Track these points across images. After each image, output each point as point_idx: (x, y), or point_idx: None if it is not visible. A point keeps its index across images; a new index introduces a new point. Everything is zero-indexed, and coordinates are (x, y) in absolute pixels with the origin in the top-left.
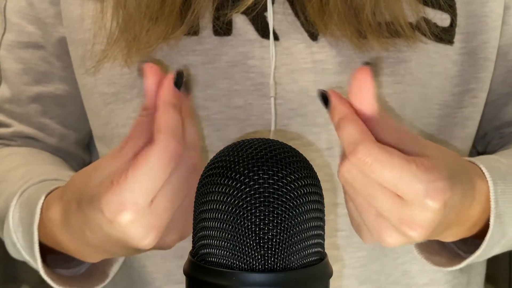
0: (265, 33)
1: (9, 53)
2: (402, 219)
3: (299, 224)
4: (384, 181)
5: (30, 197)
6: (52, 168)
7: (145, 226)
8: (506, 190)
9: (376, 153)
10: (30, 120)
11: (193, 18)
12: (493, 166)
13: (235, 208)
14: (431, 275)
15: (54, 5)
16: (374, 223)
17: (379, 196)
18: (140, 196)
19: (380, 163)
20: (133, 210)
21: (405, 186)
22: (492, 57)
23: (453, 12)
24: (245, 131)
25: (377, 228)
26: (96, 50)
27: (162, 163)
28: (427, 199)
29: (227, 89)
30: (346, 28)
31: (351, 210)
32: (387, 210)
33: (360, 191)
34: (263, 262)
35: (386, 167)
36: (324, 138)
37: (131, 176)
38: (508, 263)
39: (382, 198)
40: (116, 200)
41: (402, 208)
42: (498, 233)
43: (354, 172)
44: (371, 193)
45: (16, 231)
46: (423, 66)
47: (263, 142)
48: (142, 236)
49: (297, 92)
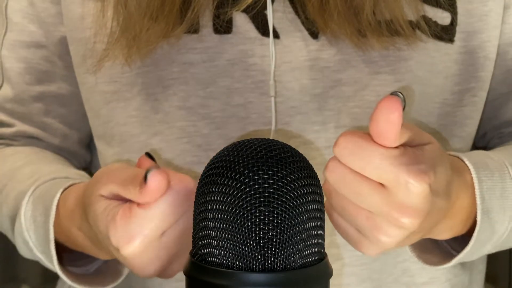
0: (265, 31)
1: (11, 52)
2: (391, 208)
3: (299, 224)
4: (365, 170)
5: (44, 194)
6: (59, 167)
7: (150, 257)
8: (492, 187)
9: (354, 141)
10: (32, 120)
11: (193, 16)
12: (481, 161)
13: (235, 208)
14: (431, 273)
15: (55, 4)
16: (367, 224)
17: (364, 191)
18: (150, 229)
19: (359, 151)
20: (141, 242)
21: (386, 171)
22: (492, 56)
23: (453, 11)
24: (246, 129)
25: (372, 229)
26: (97, 49)
27: (177, 201)
28: (410, 180)
29: (228, 87)
30: (346, 27)
31: (344, 227)
32: (375, 204)
33: (345, 191)
34: (263, 262)
35: (365, 155)
36: (324, 137)
37: (142, 212)
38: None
39: (367, 192)
40: (124, 230)
41: (389, 197)
42: (487, 229)
43: (337, 171)
44: (356, 190)
45: (29, 229)
46: (424, 64)
47: (263, 142)
48: (145, 267)
49: (297, 90)
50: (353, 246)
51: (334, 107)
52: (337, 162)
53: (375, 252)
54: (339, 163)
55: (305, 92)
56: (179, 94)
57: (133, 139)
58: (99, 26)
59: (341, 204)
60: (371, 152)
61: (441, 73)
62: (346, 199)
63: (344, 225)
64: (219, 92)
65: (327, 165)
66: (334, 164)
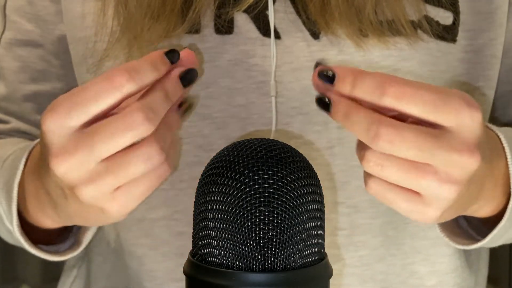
0: (266, 32)
1: (7, 51)
2: (457, 148)
3: (299, 224)
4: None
5: (14, 159)
6: None
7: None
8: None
9: (401, 130)
10: (26, 118)
11: (194, 16)
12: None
13: (235, 208)
14: (440, 277)
15: (55, 3)
16: (431, 181)
17: (427, 143)
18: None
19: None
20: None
21: (446, 111)
22: (498, 54)
23: (455, 10)
24: (246, 130)
25: (434, 183)
26: (97, 49)
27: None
28: (473, 112)
29: (229, 88)
30: (348, 27)
31: (396, 199)
32: (440, 151)
33: (406, 150)
34: (263, 262)
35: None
36: (325, 137)
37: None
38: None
39: (431, 143)
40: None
41: (452, 139)
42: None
43: (393, 132)
44: (418, 144)
45: (0, 196)
46: (426, 64)
47: (263, 142)
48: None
49: (298, 91)
50: (411, 217)
51: None
52: (388, 127)
53: (435, 216)
54: (392, 128)
55: (306, 92)
56: None
57: None
58: (100, 25)
59: (399, 170)
60: (422, 95)
61: (446, 73)
62: (405, 161)
63: (402, 196)
64: (220, 92)
65: (379, 133)
66: (387, 130)
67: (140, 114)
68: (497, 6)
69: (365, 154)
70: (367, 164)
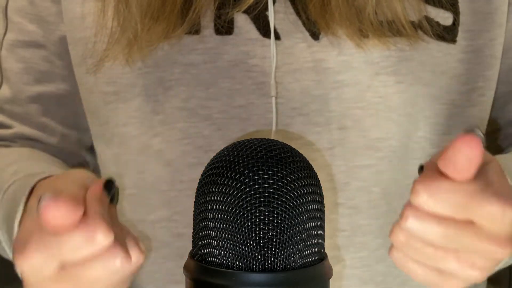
0: (266, 32)
1: (10, 52)
2: (487, 242)
3: (299, 224)
4: (452, 212)
5: (15, 192)
6: (43, 164)
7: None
8: None
9: (433, 185)
10: (30, 120)
11: (194, 17)
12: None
13: (235, 208)
14: None
15: (55, 4)
16: (457, 265)
17: (452, 232)
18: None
19: (441, 193)
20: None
21: (477, 208)
22: (498, 54)
23: (455, 11)
24: (247, 130)
25: (463, 267)
26: (97, 49)
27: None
28: (507, 209)
29: (229, 88)
30: (348, 27)
31: (423, 273)
32: (466, 242)
33: (430, 236)
34: (263, 262)
35: (448, 196)
36: (325, 138)
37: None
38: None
39: (456, 233)
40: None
41: (481, 232)
42: None
43: (419, 218)
44: (444, 233)
45: (2, 228)
46: (426, 65)
47: (263, 142)
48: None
49: (298, 92)
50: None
51: (335, 108)
52: (416, 209)
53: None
54: (419, 210)
55: (306, 93)
56: (180, 95)
57: (133, 140)
58: (100, 26)
59: (422, 251)
60: (455, 193)
61: (445, 74)
62: (429, 245)
63: (422, 270)
64: (220, 93)
65: (404, 214)
66: (413, 212)
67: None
68: (496, 6)
69: (393, 228)
70: (395, 239)
